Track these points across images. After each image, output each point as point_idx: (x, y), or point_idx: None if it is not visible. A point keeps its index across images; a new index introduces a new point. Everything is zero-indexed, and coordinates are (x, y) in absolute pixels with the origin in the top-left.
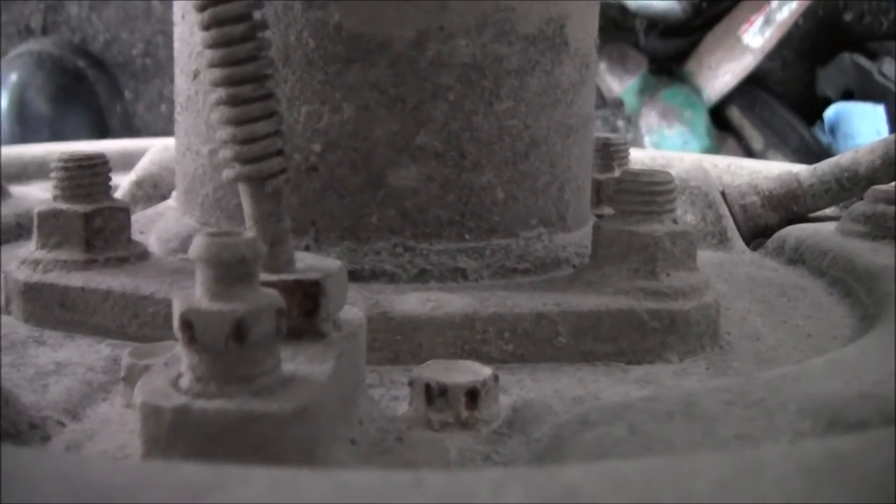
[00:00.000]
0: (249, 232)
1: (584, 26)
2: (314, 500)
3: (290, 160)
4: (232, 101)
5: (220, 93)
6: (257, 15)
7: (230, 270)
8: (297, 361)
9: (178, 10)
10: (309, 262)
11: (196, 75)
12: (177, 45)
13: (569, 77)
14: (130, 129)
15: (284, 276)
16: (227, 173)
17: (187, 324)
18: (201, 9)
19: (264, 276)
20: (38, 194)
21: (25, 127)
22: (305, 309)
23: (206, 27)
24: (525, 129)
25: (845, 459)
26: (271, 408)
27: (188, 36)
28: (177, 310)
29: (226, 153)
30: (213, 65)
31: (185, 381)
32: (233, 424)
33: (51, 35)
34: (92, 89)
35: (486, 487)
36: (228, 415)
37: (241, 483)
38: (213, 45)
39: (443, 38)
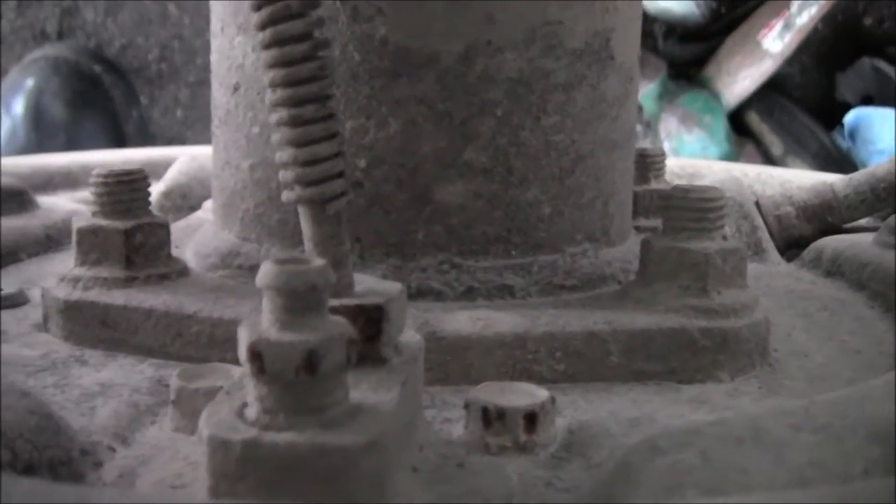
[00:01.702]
0: (318, 259)
1: (629, 39)
2: None
3: None
4: (293, 122)
5: (282, 113)
6: (318, 33)
7: (301, 299)
8: (361, 389)
9: (216, 22)
10: (368, 285)
11: (236, 88)
12: (214, 57)
13: (614, 91)
14: (146, 135)
15: (346, 301)
16: (288, 195)
17: (257, 354)
18: (261, 27)
19: None
20: (65, 205)
21: (41, 133)
22: (367, 334)
23: (268, 46)
24: (571, 144)
25: None
26: (344, 441)
27: (227, 49)
28: (245, 339)
29: (286, 175)
30: (274, 85)
31: (252, 413)
32: (304, 458)
33: (66, 40)
34: (107, 94)
35: None
36: (300, 448)
37: None
38: (275, 64)
39: (490, 53)
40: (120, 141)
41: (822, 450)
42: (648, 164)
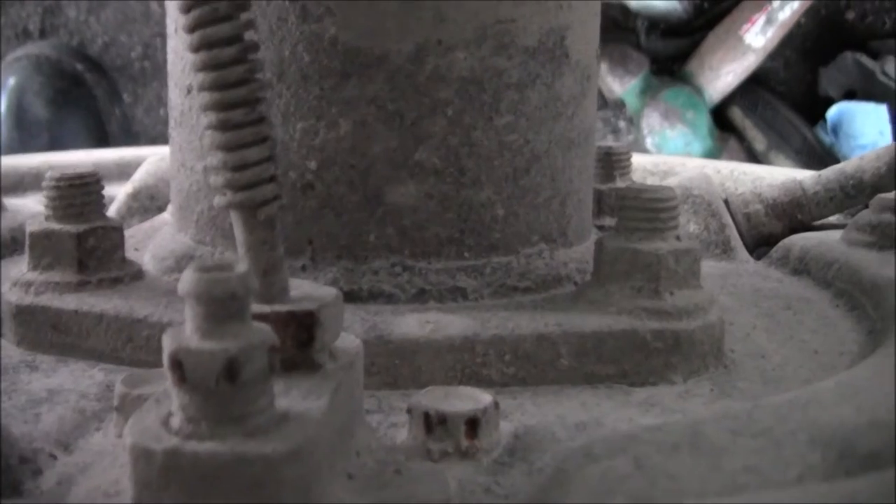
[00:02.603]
0: (241, 265)
1: (585, 37)
2: None
3: (286, 178)
4: (222, 126)
5: (211, 117)
6: (249, 36)
7: (221, 307)
8: (291, 396)
9: (171, 23)
10: (304, 291)
11: (190, 90)
12: (170, 58)
13: (570, 90)
14: (129, 133)
15: (278, 307)
16: (219, 200)
17: (177, 363)
18: (190, 30)
19: (257, 308)
20: (33, 207)
21: (24, 131)
22: (300, 340)
23: (196, 49)
24: (525, 144)
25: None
26: (265, 449)
27: (182, 50)
28: (166, 348)
29: (216, 180)
30: (203, 88)
31: (175, 422)
32: (226, 467)
33: (49, 38)
34: (90, 93)
35: None
36: (221, 457)
37: None
38: (203, 68)
39: (441, 52)
40: (103, 139)
41: (759, 455)
42: (614, 162)
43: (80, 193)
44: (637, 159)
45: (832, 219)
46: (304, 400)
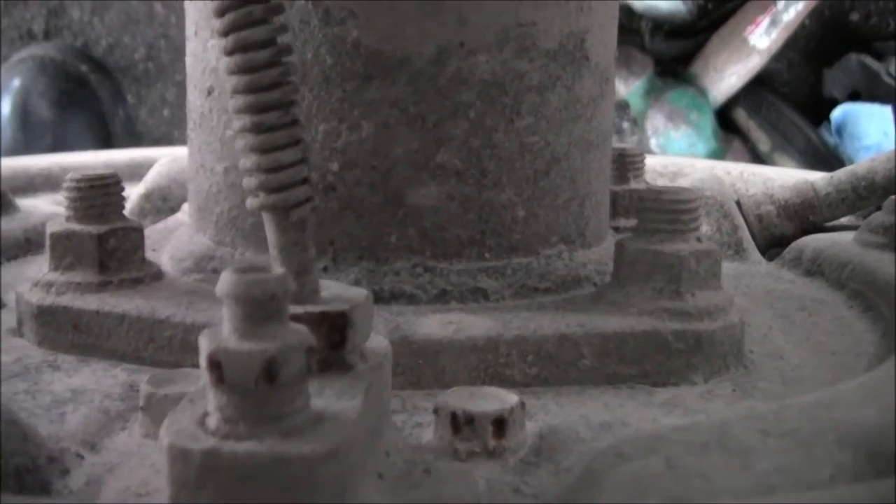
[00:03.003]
0: (278, 266)
1: (604, 40)
2: None
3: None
4: (256, 129)
5: (245, 120)
6: (281, 39)
7: (260, 308)
8: (324, 397)
9: (190, 25)
10: (334, 292)
11: (210, 92)
12: (189, 60)
13: (589, 92)
14: (133, 134)
15: (310, 308)
16: (252, 202)
17: (216, 363)
18: (224, 33)
19: (290, 308)
20: (45, 208)
21: (28, 132)
22: (332, 341)
23: (230, 52)
24: (546, 146)
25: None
26: (304, 450)
27: (201, 52)
28: (204, 349)
29: (250, 182)
30: (237, 91)
31: (212, 422)
32: (264, 467)
33: (53, 39)
34: (94, 94)
35: None
36: (259, 458)
37: None
38: (237, 71)
39: (463, 55)
40: (107, 140)
41: (789, 456)
42: (627, 163)
43: (100, 194)
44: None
45: (844, 220)
46: (339, 400)
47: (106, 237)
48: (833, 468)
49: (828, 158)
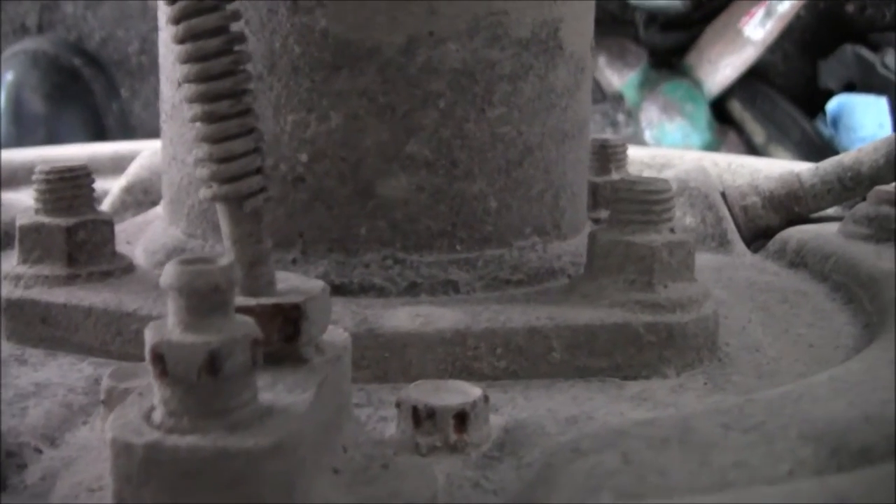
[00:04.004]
0: (224, 258)
1: (579, 29)
2: None
3: (277, 170)
4: (208, 118)
5: (196, 109)
6: (235, 27)
7: (203, 300)
8: (276, 390)
9: (161, 16)
10: (291, 284)
11: (181, 83)
12: (161, 51)
13: (563, 81)
14: (127, 128)
15: (263, 300)
16: (204, 193)
17: (159, 357)
18: (175, 21)
19: (242, 300)
20: (27, 201)
21: (21, 126)
22: (286, 334)
23: (181, 41)
24: (518, 136)
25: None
26: (247, 443)
27: (172, 43)
28: (148, 341)
29: (202, 172)
30: (188, 80)
31: (157, 416)
32: (207, 461)
33: (46, 33)
34: (88, 88)
35: None
36: (202, 452)
37: None
38: (188, 59)
39: (433, 44)
40: (101, 134)
41: (749, 451)
42: (609, 154)
43: (69, 187)
44: (634, 152)
45: (830, 211)
46: (290, 394)
47: (75, 230)
48: (792, 463)
49: (823, 150)
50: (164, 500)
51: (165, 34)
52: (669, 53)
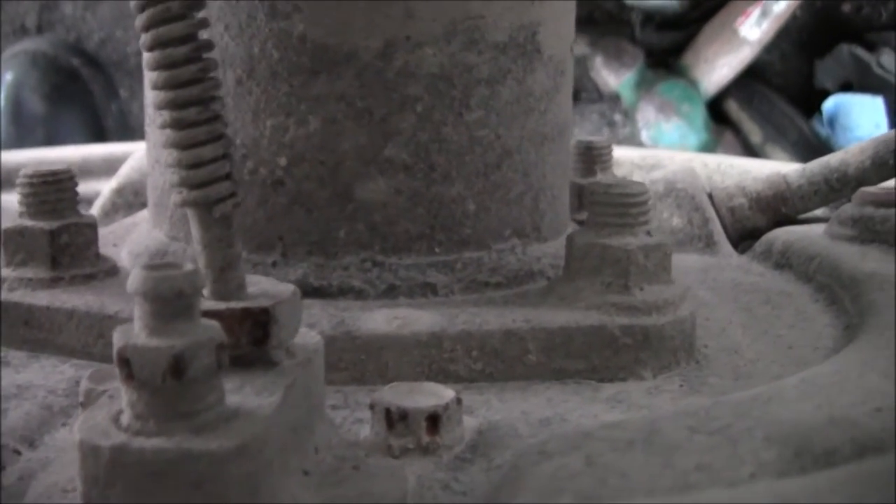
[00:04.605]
0: (189, 264)
1: (558, 32)
2: None
3: (256, 174)
4: (177, 125)
5: (165, 116)
6: (203, 35)
7: (167, 305)
8: (244, 393)
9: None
10: (262, 287)
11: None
12: (144, 56)
13: (542, 85)
14: (126, 128)
15: (233, 304)
16: (175, 198)
17: (124, 360)
18: (144, 29)
19: (212, 305)
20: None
21: (20, 126)
22: (255, 337)
23: (150, 48)
24: (496, 139)
25: None
26: (211, 446)
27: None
28: (115, 345)
29: (172, 178)
30: (157, 87)
31: (125, 419)
32: (172, 463)
33: (45, 34)
34: (87, 88)
35: None
36: (167, 454)
37: None
38: (157, 67)
39: (410, 48)
40: (99, 135)
41: (712, 453)
42: (594, 156)
43: (53, 190)
44: (625, 153)
45: (818, 212)
46: (257, 397)
47: (58, 233)
48: (755, 466)
49: (820, 149)
50: (131, 501)
51: None
52: (666, 53)
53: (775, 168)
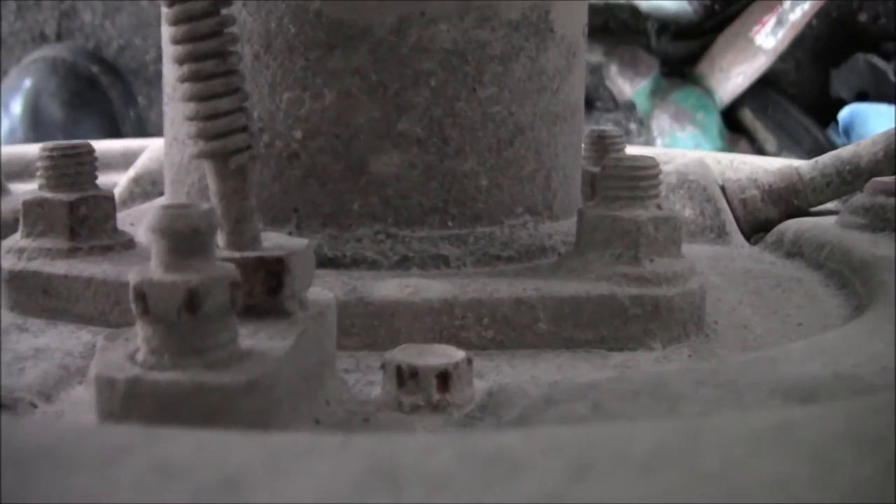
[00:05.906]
0: (205, 204)
1: (571, 13)
2: (241, 458)
3: (272, 147)
4: (194, 77)
5: (184, 69)
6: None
7: (184, 241)
8: (257, 338)
9: None
10: (276, 241)
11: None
12: (164, 33)
13: (554, 64)
14: (143, 135)
15: (248, 254)
16: (192, 150)
17: (141, 295)
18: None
19: (227, 254)
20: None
21: (39, 132)
22: (269, 286)
23: (171, 3)
24: (509, 116)
25: (791, 428)
26: (223, 380)
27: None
28: (131, 281)
29: (189, 129)
30: (175, 41)
31: (140, 354)
32: (184, 396)
33: (65, 41)
34: (105, 95)
35: (415, 449)
36: (180, 386)
37: (168, 441)
38: (176, 21)
39: (424, 24)
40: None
41: (718, 403)
42: (607, 145)
43: (72, 163)
44: (640, 152)
45: (829, 205)
46: (270, 341)
47: (77, 204)
48: None
49: None
50: None
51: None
52: (681, 62)
53: (785, 164)
